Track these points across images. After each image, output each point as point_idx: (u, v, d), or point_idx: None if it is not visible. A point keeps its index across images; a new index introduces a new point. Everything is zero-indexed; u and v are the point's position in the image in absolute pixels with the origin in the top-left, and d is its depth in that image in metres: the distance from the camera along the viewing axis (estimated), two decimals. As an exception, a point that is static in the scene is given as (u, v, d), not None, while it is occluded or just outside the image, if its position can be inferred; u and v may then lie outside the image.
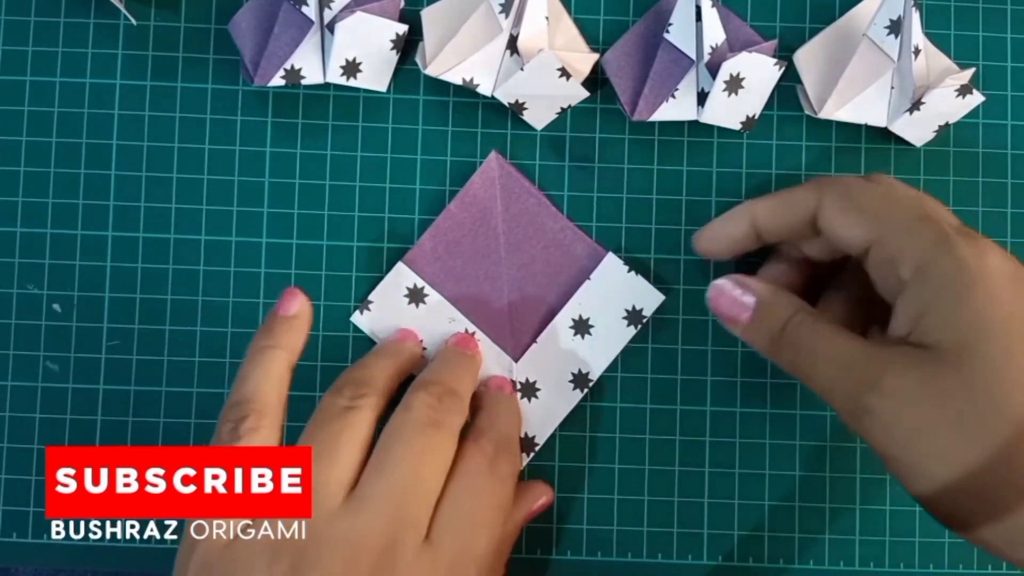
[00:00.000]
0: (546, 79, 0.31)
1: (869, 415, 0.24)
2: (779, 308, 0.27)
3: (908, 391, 0.23)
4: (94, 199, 0.33)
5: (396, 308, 0.33)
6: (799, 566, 0.33)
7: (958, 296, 0.23)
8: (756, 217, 0.29)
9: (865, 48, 0.32)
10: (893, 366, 0.24)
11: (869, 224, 0.26)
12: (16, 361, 0.33)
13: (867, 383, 0.24)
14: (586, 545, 0.33)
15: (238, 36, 0.32)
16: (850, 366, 0.25)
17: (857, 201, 0.26)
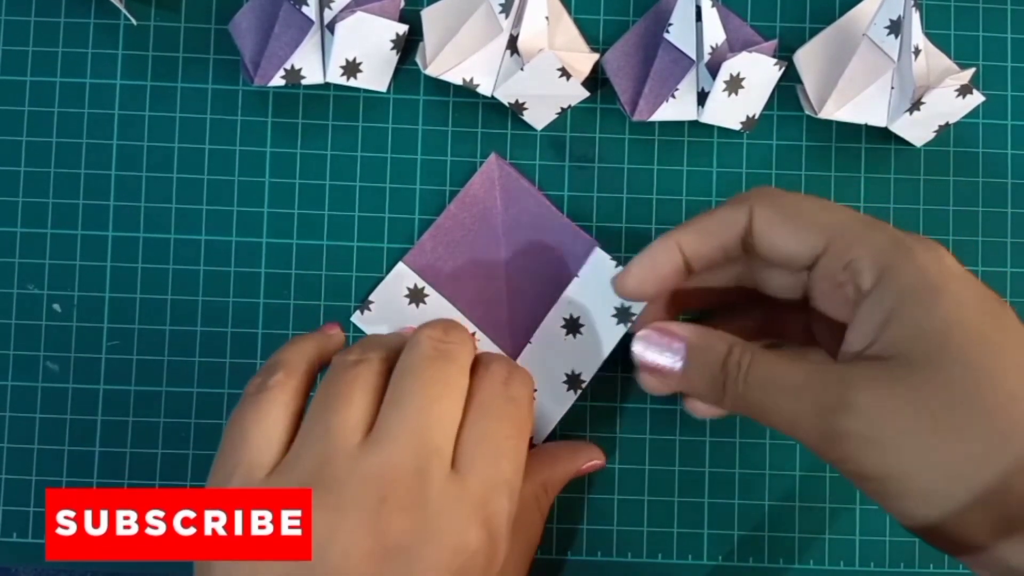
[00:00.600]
0: (546, 79, 0.31)
1: (845, 438, 0.22)
2: (713, 346, 0.25)
3: (885, 405, 0.22)
4: (94, 199, 0.33)
5: (397, 308, 0.33)
6: (799, 566, 0.33)
7: (925, 303, 0.22)
8: (683, 245, 0.26)
9: (865, 48, 0.32)
10: (862, 382, 0.22)
11: (814, 234, 0.25)
12: (16, 361, 0.33)
13: (836, 405, 0.22)
14: (586, 545, 0.33)
15: (238, 36, 0.32)
16: (812, 390, 0.23)
17: (793, 212, 0.25)
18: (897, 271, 0.23)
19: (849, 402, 0.22)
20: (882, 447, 0.22)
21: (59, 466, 0.33)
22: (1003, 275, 0.34)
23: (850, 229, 0.24)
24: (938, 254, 0.23)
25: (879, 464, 0.22)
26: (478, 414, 0.25)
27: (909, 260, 0.23)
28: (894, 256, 0.23)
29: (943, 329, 0.22)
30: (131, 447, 0.33)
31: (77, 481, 0.33)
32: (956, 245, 0.34)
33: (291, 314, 0.33)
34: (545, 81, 0.31)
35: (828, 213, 0.25)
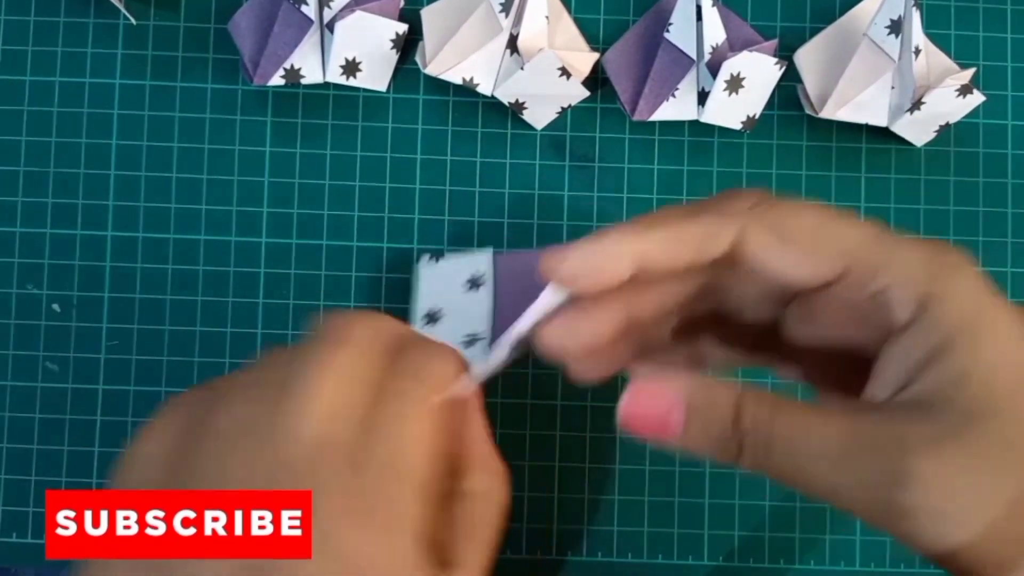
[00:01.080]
0: (546, 79, 0.31)
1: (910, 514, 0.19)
2: (718, 403, 0.20)
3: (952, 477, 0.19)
4: (94, 199, 0.33)
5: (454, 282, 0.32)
6: (799, 566, 0.33)
7: (971, 341, 0.19)
8: (645, 249, 0.21)
9: (865, 48, 0.32)
10: (921, 446, 0.19)
11: (827, 259, 0.21)
12: (16, 361, 0.33)
13: (896, 479, 0.19)
14: (586, 545, 0.33)
15: (238, 36, 0.32)
16: (860, 458, 0.19)
17: (797, 234, 0.21)
18: (940, 302, 0.20)
19: (911, 472, 0.19)
20: (954, 520, 0.19)
21: (59, 466, 0.33)
22: (1003, 275, 0.34)
23: (874, 251, 0.21)
24: (976, 277, 0.20)
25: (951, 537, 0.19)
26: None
27: (952, 289, 0.20)
28: (935, 284, 0.20)
29: (997, 368, 0.19)
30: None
31: (77, 481, 0.33)
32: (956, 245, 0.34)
33: (290, 314, 0.33)
34: (545, 81, 0.31)
35: (842, 231, 0.21)
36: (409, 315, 0.33)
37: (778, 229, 0.21)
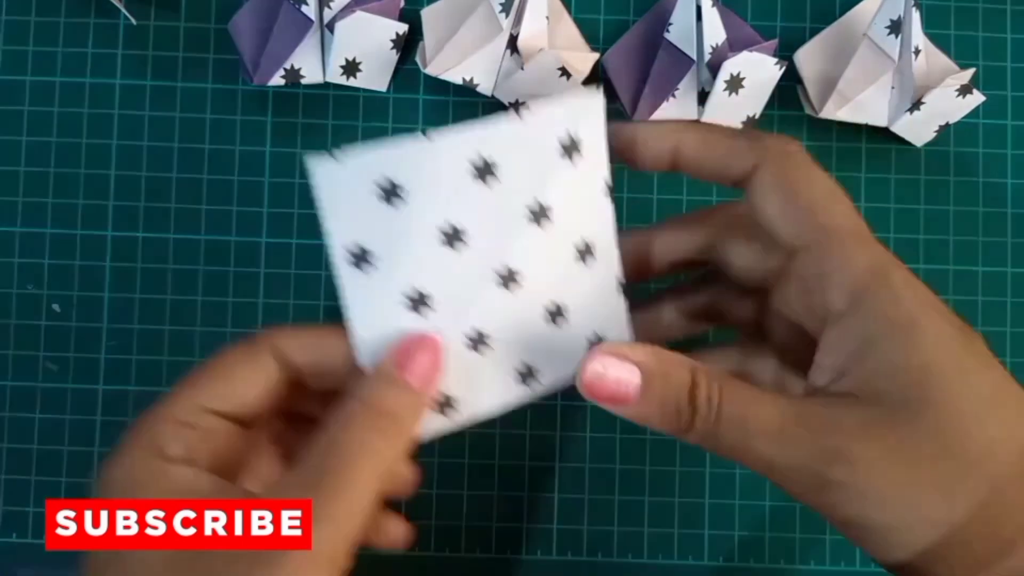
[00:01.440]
0: (546, 79, 0.31)
1: (836, 488, 0.21)
2: (674, 375, 0.22)
3: (879, 456, 0.21)
4: (94, 199, 0.33)
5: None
6: (799, 567, 0.33)
7: (901, 338, 0.21)
8: (683, 142, 0.24)
9: (865, 48, 0.32)
10: (853, 431, 0.21)
11: (804, 224, 0.23)
12: (16, 361, 0.33)
13: (828, 456, 0.21)
14: (586, 545, 0.33)
15: (238, 36, 0.32)
16: (797, 437, 0.21)
17: (798, 190, 0.23)
18: (873, 299, 0.22)
19: (844, 450, 0.21)
20: (873, 499, 0.21)
21: (59, 466, 0.33)
22: (1003, 275, 0.34)
23: (836, 238, 0.22)
24: (913, 284, 0.22)
25: (866, 515, 0.21)
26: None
27: (886, 288, 0.22)
28: (870, 281, 0.22)
29: (923, 368, 0.21)
30: (130, 447, 0.33)
31: (77, 481, 0.33)
32: (956, 245, 0.34)
33: (290, 314, 0.33)
34: (545, 81, 0.31)
35: (826, 210, 0.23)
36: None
37: (786, 181, 0.23)
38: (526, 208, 0.24)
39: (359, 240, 0.24)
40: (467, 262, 0.24)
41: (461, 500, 0.26)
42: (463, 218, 0.23)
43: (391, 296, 0.24)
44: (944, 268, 0.34)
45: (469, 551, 0.32)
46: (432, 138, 0.23)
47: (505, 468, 0.32)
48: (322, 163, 0.23)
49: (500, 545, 0.33)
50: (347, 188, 0.23)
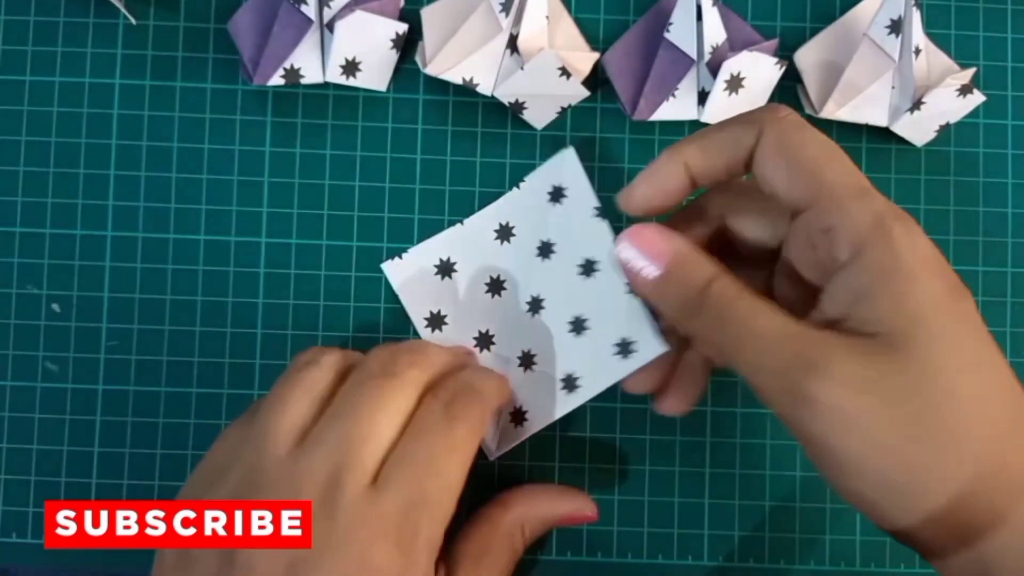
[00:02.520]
0: (546, 78, 0.31)
1: (810, 402, 0.22)
2: (698, 268, 0.25)
3: (855, 378, 0.22)
4: (93, 199, 0.33)
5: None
6: (799, 567, 0.33)
7: (897, 288, 0.22)
8: (689, 161, 0.26)
9: (866, 48, 0.32)
10: (837, 350, 0.22)
11: (803, 185, 0.24)
12: (15, 361, 0.33)
13: (808, 365, 0.22)
14: (586, 545, 0.33)
15: (237, 35, 0.32)
16: (786, 345, 0.23)
17: (795, 153, 0.24)
18: (873, 250, 0.23)
19: (824, 365, 0.22)
20: (843, 421, 0.22)
21: (58, 466, 0.33)
22: (1003, 275, 0.34)
23: (838, 194, 0.23)
24: (914, 237, 0.23)
25: (835, 436, 0.22)
26: (410, 434, 0.26)
27: (886, 241, 0.23)
28: (872, 234, 0.23)
29: (911, 317, 0.22)
30: (130, 447, 0.33)
31: (77, 482, 0.33)
32: (956, 245, 0.34)
33: (290, 314, 0.33)
34: (545, 81, 0.31)
35: (826, 168, 0.24)
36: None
37: (784, 147, 0.24)
38: (536, 248, 0.32)
39: (431, 308, 0.32)
40: (507, 302, 0.32)
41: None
42: (498, 270, 0.32)
43: (465, 342, 0.32)
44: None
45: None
46: (464, 223, 0.33)
47: (505, 468, 0.32)
48: (392, 264, 0.33)
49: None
50: (413, 275, 0.33)
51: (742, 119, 0.26)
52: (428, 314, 0.32)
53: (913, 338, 0.22)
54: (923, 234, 0.23)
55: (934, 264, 0.23)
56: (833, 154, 0.24)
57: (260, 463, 0.25)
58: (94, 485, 0.33)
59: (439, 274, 0.33)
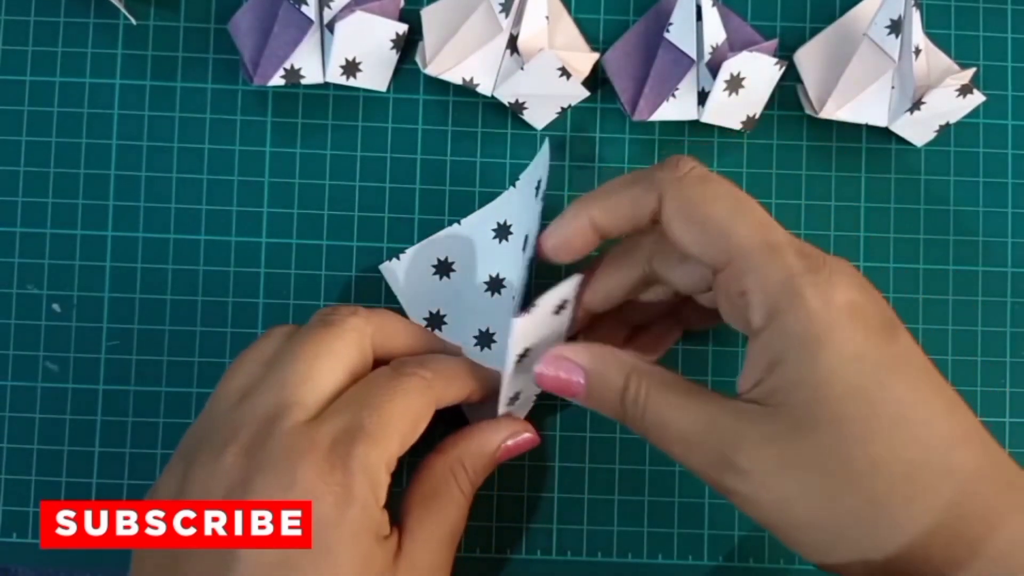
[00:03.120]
0: (546, 79, 0.31)
1: (732, 494, 0.24)
2: (610, 377, 0.25)
3: (767, 465, 0.23)
4: (94, 199, 0.33)
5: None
6: (799, 566, 0.33)
7: (805, 354, 0.22)
8: (594, 218, 0.26)
9: (865, 48, 0.32)
10: (744, 443, 0.23)
11: (717, 245, 0.24)
12: (16, 361, 0.33)
13: (724, 464, 0.23)
14: (586, 545, 0.33)
15: (238, 36, 0.32)
16: (702, 445, 0.24)
17: (701, 216, 0.24)
18: (784, 316, 0.23)
19: (733, 463, 0.23)
20: (768, 509, 0.23)
21: (59, 466, 0.33)
22: (1003, 275, 0.34)
23: (748, 255, 0.23)
24: (828, 295, 0.23)
25: (764, 519, 0.23)
26: (357, 385, 0.26)
27: (796, 305, 0.22)
28: (782, 298, 0.23)
29: (820, 384, 0.22)
30: (130, 447, 0.33)
31: (77, 481, 0.33)
32: (956, 245, 0.34)
33: (291, 314, 0.33)
34: (545, 81, 0.31)
35: (734, 228, 0.24)
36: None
37: (688, 209, 0.24)
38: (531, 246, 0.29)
39: (431, 308, 0.32)
40: (507, 300, 0.32)
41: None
42: (498, 269, 0.32)
43: (465, 341, 0.32)
44: (944, 268, 0.34)
45: (469, 551, 0.33)
46: (462, 223, 0.33)
47: (505, 468, 0.31)
48: (390, 265, 0.33)
49: (500, 545, 0.33)
50: (411, 275, 0.33)
51: (642, 178, 0.26)
52: (427, 314, 0.33)
53: (818, 411, 0.22)
54: (844, 279, 0.23)
55: (850, 316, 0.23)
56: (741, 207, 0.24)
57: (209, 419, 0.26)
58: (94, 485, 0.33)
59: (437, 274, 0.33)
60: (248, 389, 0.26)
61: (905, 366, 0.23)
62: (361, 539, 0.23)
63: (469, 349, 0.32)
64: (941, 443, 0.22)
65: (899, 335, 0.23)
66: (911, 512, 0.22)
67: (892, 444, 0.22)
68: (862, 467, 0.22)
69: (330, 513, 0.23)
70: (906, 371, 0.23)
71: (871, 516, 0.22)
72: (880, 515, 0.22)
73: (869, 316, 0.23)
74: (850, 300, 0.23)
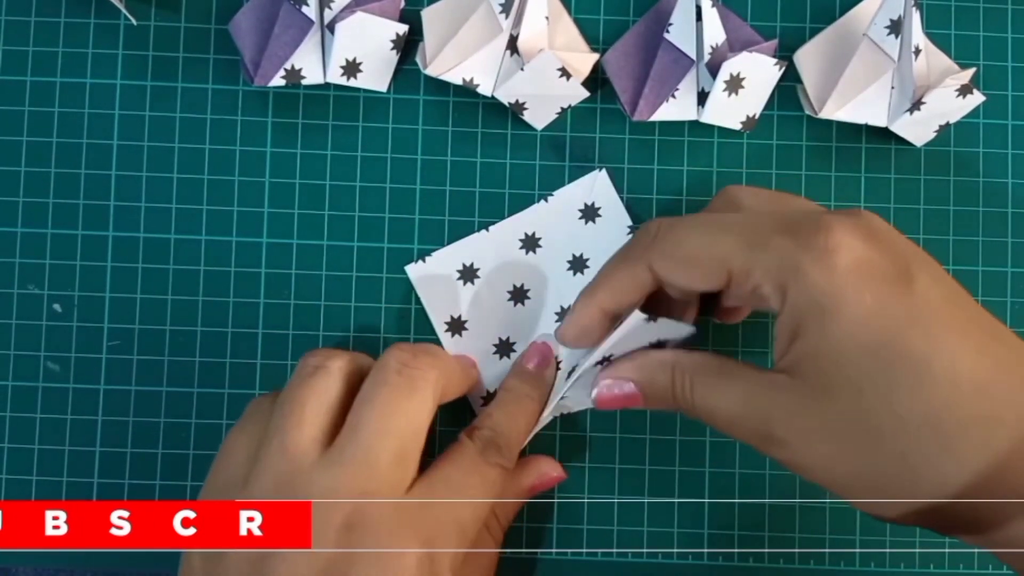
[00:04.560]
0: (546, 79, 0.31)
1: (778, 461, 0.25)
2: (656, 380, 0.27)
3: (800, 437, 0.24)
4: (94, 199, 0.33)
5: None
6: (799, 566, 0.33)
7: (816, 324, 0.23)
8: (601, 305, 0.28)
9: (865, 48, 0.32)
10: (779, 414, 0.24)
11: (711, 273, 0.25)
12: (17, 361, 0.33)
13: (766, 435, 0.25)
14: (586, 545, 0.33)
15: (238, 36, 0.32)
16: (744, 421, 0.25)
17: (685, 256, 0.26)
18: (790, 294, 0.24)
19: (775, 436, 0.24)
20: (814, 470, 0.24)
21: (59, 466, 0.33)
22: (1003, 275, 0.34)
23: (740, 258, 0.25)
24: (829, 261, 0.23)
25: (817, 481, 0.25)
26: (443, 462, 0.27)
27: (798, 281, 0.24)
28: (787, 279, 0.24)
29: (833, 351, 0.23)
30: (131, 447, 0.33)
31: (77, 481, 0.33)
32: (956, 245, 0.34)
33: (291, 314, 0.33)
34: (545, 81, 0.31)
35: (715, 243, 0.25)
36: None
37: (672, 254, 0.26)
38: (567, 262, 0.33)
39: (452, 313, 0.33)
40: (531, 311, 0.33)
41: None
42: (523, 279, 0.33)
43: (484, 349, 0.33)
44: (944, 268, 0.34)
45: (469, 551, 0.33)
46: (489, 230, 0.33)
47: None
48: (415, 267, 0.33)
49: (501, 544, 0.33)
50: (436, 279, 0.33)
51: (629, 256, 0.28)
52: (448, 318, 0.33)
53: (836, 376, 0.23)
54: (846, 238, 0.24)
55: (857, 276, 0.23)
56: (711, 228, 0.26)
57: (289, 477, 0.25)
58: (95, 485, 0.33)
59: (461, 279, 0.33)
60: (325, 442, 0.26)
61: (921, 316, 0.23)
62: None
63: (488, 357, 0.33)
64: (968, 389, 0.22)
65: (915, 282, 0.23)
66: (946, 463, 0.22)
67: (913, 398, 0.22)
68: (887, 425, 0.23)
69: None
70: (923, 321, 0.23)
71: (908, 471, 0.23)
72: (917, 469, 0.23)
73: (879, 270, 0.23)
74: (856, 259, 0.23)
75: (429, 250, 0.33)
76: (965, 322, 0.23)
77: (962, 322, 0.23)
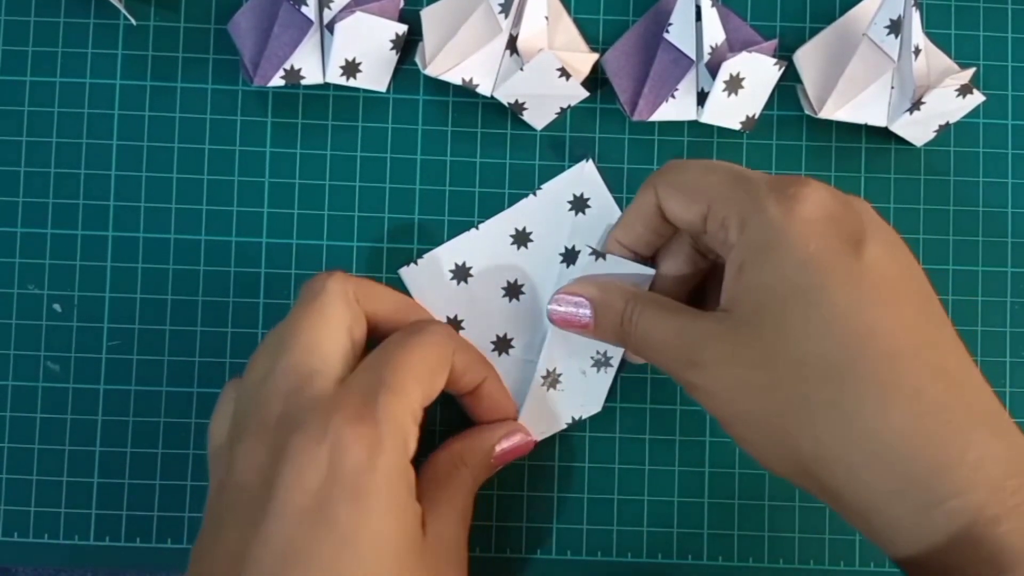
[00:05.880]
0: (546, 79, 0.31)
1: (694, 390, 0.26)
2: (612, 304, 0.28)
3: (719, 358, 0.25)
4: (94, 199, 0.33)
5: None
6: (799, 566, 0.33)
7: (760, 258, 0.24)
8: (623, 243, 0.29)
9: (865, 48, 0.32)
10: (707, 340, 0.25)
11: (696, 200, 0.26)
12: (17, 361, 0.33)
13: (687, 362, 0.26)
14: (586, 545, 0.33)
15: (238, 36, 0.32)
16: (673, 347, 0.26)
17: (682, 181, 0.27)
18: (747, 226, 0.25)
19: (695, 360, 0.25)
20: (719, 399, 0.25)
21: (59, 466, 0.33)
22: (1003, 275, 0.34)
23: (721, 189, 0.26)
24: (792, 207, 0.24)
25: (720, 413, 0.26)
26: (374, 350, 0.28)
27: (758, 214, 0.24)
28: (749, 214, 0.25)
29: (768, 287, 0.24)
30: (131, 447, 0.33)
31: (78, 481, 0.33)
32: (956, 245, 0.34)
33: (291, 314, 0.33)
34: (545, 81, 0.31)
35: (706, 176, 0.27)
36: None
37: (672, 181, 0.27)
38: (559, 255, 0.33)
39: (448, 313, 0.33)
40: (527, 306, 0.33)
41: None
42: (517, 275, 0.33)
43: (482, 346, 0.32)
44: (944, 268, 0.34)
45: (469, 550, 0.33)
46: (479, 228, 0.33)
47: (505, 468, 0.32)
48: (408, 270, 0.33)
49: (500, 545, 0.33)
50: (429, 280, 0.33)
51: (642, 188, 0.29)
52: (444, 319, 0.33)
53: (764, 311, 0.24)
54: (819, 195, 0.24)
55: (810, 225, 0.24)
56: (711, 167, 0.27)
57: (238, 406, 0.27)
58: (95, 485, 0.33)
59: (455, 279, 0.33)
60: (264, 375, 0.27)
61: (855, 278, 0.23)
62: (394, 484, 0.25)
63: (487, 355, 0.32)
64: (878, 353, 0.23)
65: (864, 248, 0.24)
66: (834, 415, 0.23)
67: (824, 346, 0.23)
68: (793, 364, 0.23)
69: (362, 460, 0.24)
70: (855, 282, 0.23)
71: (802, 414, 0.23)
72: (814, 416, 0.23)
73: (834, 227, 0.24)
74: (816, 211, 0.24)
75: (429, 250, 0.33)
76: (899, 297, 0.24)
77: (896, 296, 0.24)
